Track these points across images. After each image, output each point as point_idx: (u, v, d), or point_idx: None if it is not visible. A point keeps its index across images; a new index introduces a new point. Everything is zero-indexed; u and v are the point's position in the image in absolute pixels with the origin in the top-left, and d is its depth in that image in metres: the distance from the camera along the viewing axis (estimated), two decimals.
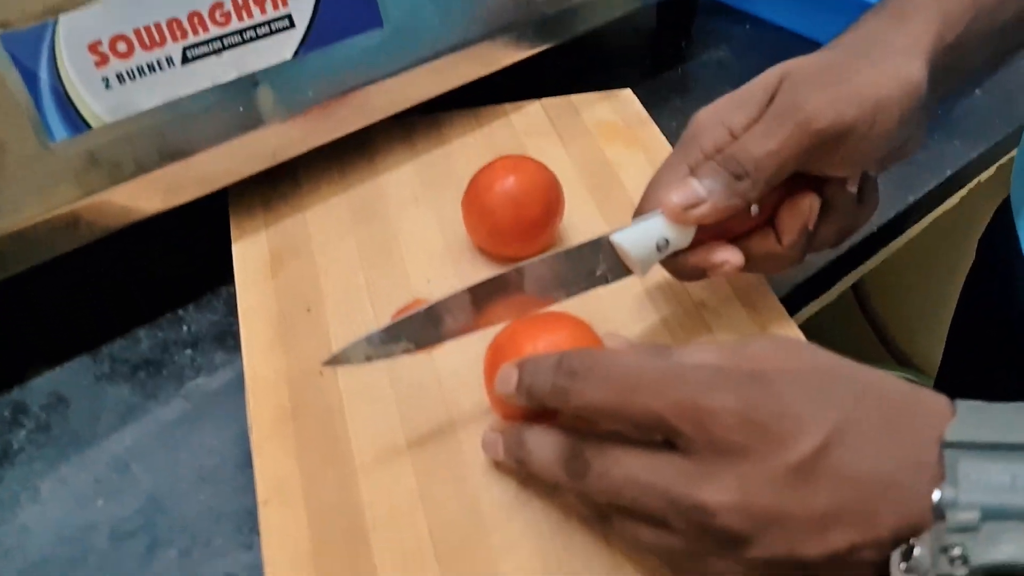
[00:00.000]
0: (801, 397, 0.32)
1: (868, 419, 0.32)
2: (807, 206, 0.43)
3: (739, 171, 0.41)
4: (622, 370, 0.34)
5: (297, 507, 0.42)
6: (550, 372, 0.36)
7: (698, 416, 0.32)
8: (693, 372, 0.33)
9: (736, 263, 0.43)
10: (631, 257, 0.43)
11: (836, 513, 0.31)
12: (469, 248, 0.54)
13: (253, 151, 0.52)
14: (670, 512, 0.33)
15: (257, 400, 0.46)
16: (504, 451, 0.40)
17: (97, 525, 0.43)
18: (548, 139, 0.61)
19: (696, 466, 0.32)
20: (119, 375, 0.50)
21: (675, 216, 0.42)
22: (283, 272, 0.53)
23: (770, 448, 0.31)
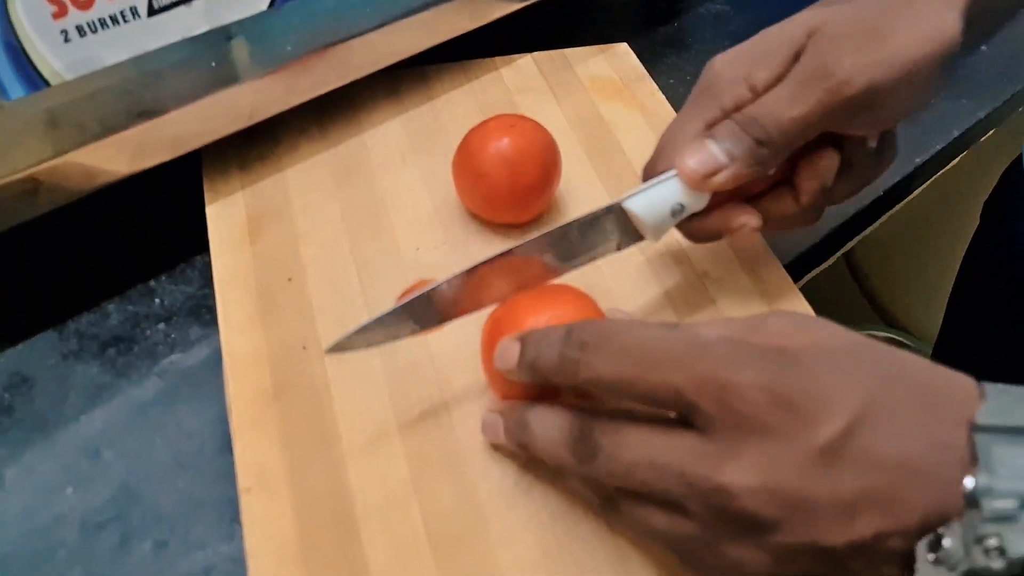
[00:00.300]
0: (828, 375, 0.30)
1: (896, 400, 0.30)
2: (826, 164, 0.40)
3: (762, 136, 0.38)
4: (638, 342, 0.32)
5: (281, 495, 0.39)
6: (558, 344, 0.34)
7: (720, 391, 0.30)
8: (715, 345, 0.31)
9: (754, 225, 0.41)
10: (645, 224, 0.40)
11: (862, 498, 0.29)
12: (460, 212, 0.51)
13: (228, 110, 0.49)
14: (687, 495, 0.30)
15: (236, 380, 0.43)
16: (505, 433, 0.38)
17: (66, 516, 0.40)
18: (541, 95, 0.58)
19: (716, 446, 0.30)
20: (87, 353, 0.46)
21: (693, 183, 0.39)
22: (261, 239, 0.50)
23: (796, 428, 0.29)
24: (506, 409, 0.38)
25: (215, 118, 0.49)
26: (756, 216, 0.41)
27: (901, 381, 0.30)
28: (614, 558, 0.37)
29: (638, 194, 0.40)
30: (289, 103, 0.51)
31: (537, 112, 0.56)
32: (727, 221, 0.41)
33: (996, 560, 0.26)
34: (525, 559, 0.37)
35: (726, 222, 0.41)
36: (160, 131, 0.47)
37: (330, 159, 0.54)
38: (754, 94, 0.39)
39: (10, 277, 0.50)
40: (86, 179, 0.46)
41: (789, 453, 0.29)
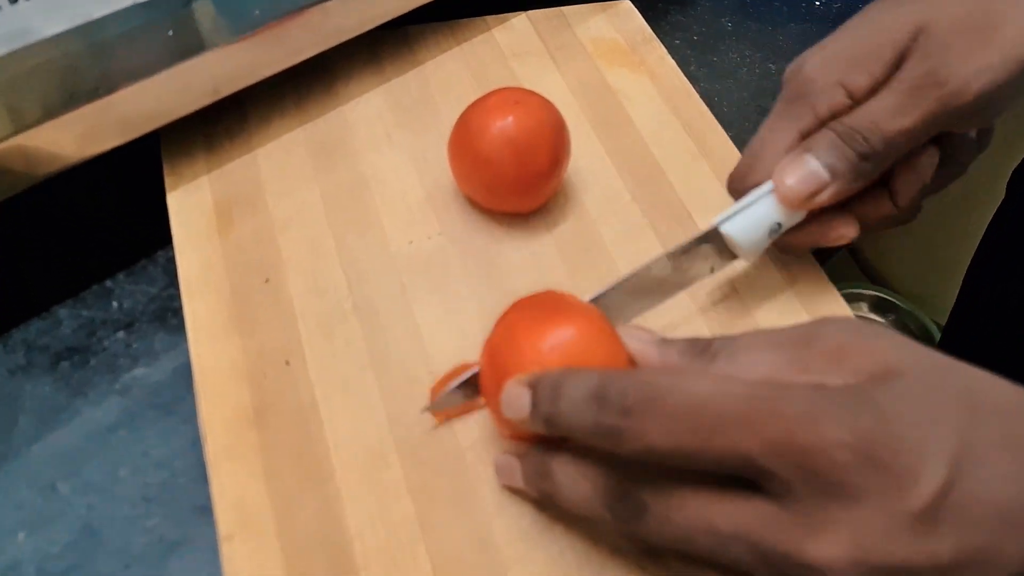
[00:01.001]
0: (914, 419, 0.26)
1: (988, 438, 0.26)
2: (926, 163, 0.38)
3: (867, 150, 0.35)
4: (694, 403, 0.27)
5: (269, 540, 0.34)
6: (589, 406, 0.28)
7: (800, 456, 0.26)
8: (785, 399, 0.26)
9: (852, 236, 0.38)
10: (741, 247, 0.38)
11: (962, 556, 0.25)
12: (457, 198, 0.45)
13: (189, 85, 0.42)
14: (760, 567, 0.26)
15: (210, 400, 0.38)
16: (524, 480, 0.33)
17: (19, 566, 0.35)
18: (539, 60, 0.52)
19: (795, 516, 0.26)
20: (37, 367, 0.41)
21: (793, 203, 0.36)
22: (232, 231, 0.44)
23: (888, 489, 0.25)
24: (524, 454, 0.34)
25: (175, 94, 0.42)
26: (854, 226, 0.38)
27: (987, 412, 0.27)
28: None
29: (734, 216, 0.38)
30: (259, 75, 0.45)
31: (536, 81, 0.50)
32: (825, 234, 0.39)
33: None
34: None
35: (824, 235, 0.39)
36: (111, 111, 0.40)
37: (307, 137, 0.48)
38: (852, 101, 0.36)
39: None
40: (28, 167, 0.40)
41: (881, 520, 0.25)
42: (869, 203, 0.39)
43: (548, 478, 0.32)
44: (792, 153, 0.36)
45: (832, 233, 0.38)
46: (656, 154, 0.48)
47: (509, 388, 0.31)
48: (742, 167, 0.39)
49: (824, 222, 0.38)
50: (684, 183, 0.46)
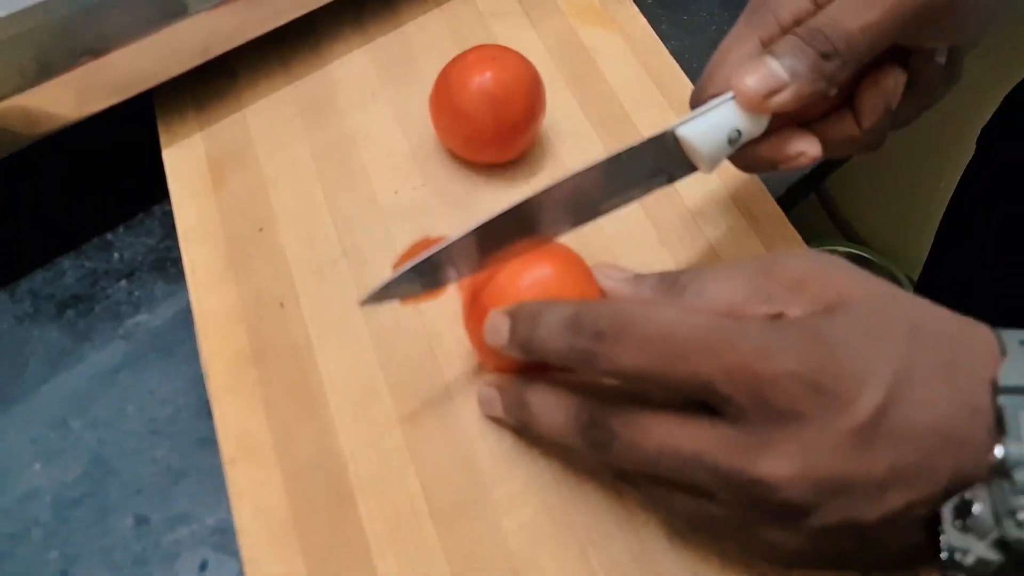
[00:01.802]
0: (857, 349, 0.29)
1: (924, 364, 0.28)
2: (892, 83, 0.37)
3: (827, 48, 0.34)
4: (661, 331, 0.29)
5: (269, 465, 0.37)
6: (565, 331, 0.31)
7: (754, 383, 0.28)
8: (743, 332, 0.29)
9: (814, 154, 0.37)
10: (700, 153, 0.36)
11: (896, 471, 0.28)
12: (439, 151, 0.48)
13: (180, 46, 0.44)
14: (718, 485, 0.29)
15: (210, 341, 0.40)
16: (504, 410, 0.36)
17: (37, 493, 0.38)
18: (516, 20, 0.54)
19: (749, 436, 0.28)
20: (44, 315, 0.43)
21: (752, 104, 0.35)
22: (226, 185, 0.46)
23: (831, 412, 0.28)
24: (503, 385, 0.36)
25: (167, 55, 0.45)
26: (815, 143, 0.37)
27: (928, 340, 0.29)
28: (621, 518, 0.36)
29: (692, 120, 0.36)
30: (246, 36, 0.47)
31: (513, 40, 0.52)
32: (784, 149, 0.37)
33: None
34: (529, 524, 0.36)
35: (783, 150, 0.37)
36: (107, 71, 0.43)
37: (294, 95, 0.50)
38: (815, 6, 0.36)
39: None
40: (29, 126, 0.42)
41: (824, 438, 0.28)
42: (833, 124, 0.38)
43: (525, 408, 0.34)
44: (753, 58, 0.36)
45: (792, 147, 0.37)
46: (627, 107, 0.50)
47: (491, 317, 0.34)
48: (703, 79, 0.38)
49: (785, 136, 0.37)
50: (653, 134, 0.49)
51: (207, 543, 0.37)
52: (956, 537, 0.27)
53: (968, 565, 0.27)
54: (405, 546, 0.35)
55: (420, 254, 0.34)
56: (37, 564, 0.36)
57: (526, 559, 0.35)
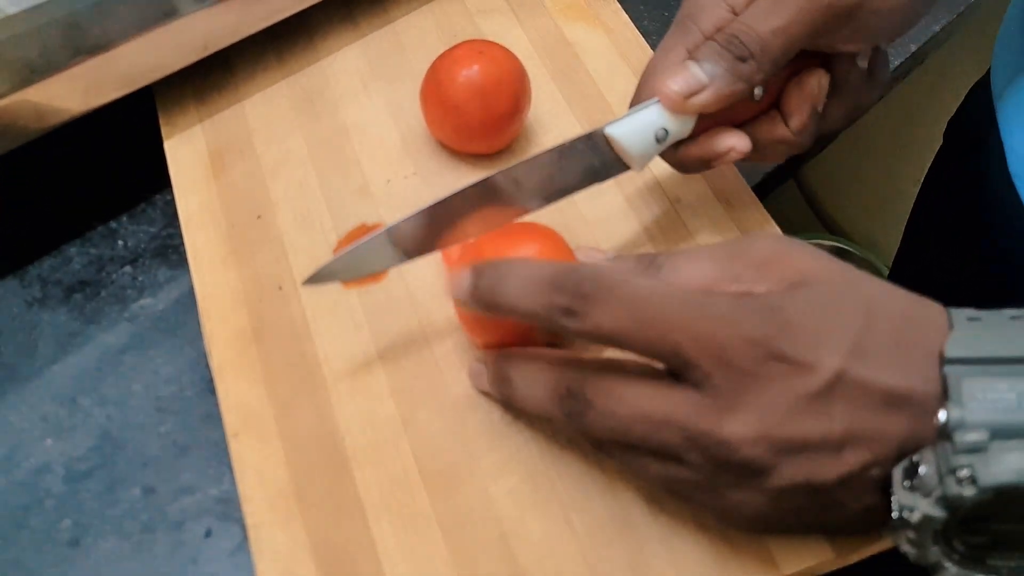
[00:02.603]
0: (816, 318, 0.31)
1: (879, 334, 0.31)
2: (816, 85, 0.39)
3: (743, 52, 0.37)
4: (638, 297, 0.32)
5: (271, 438, 0.39)
6: (543, 289, 0.33)
7: (719, 350, 0.30)
8: (711, 304, 0.31)
9: (742, 149, 0.40)
10: (628, 152, 0.39)
11: (851, 434, 0.30)
12: (429, 142, 0.50)
13: (181, 42, 0.47)
14: (686, 447, 0.31)
15: (212, 322, 0.42)
16: (489, 385, 0.38)
17: (49, 466, 0.40)
18: (503, 16, 0.56)
19: (714, 400, 0.31)
20: (52, 299, 0.45)
21: (674, 105, 0.38)
22: (225, 174, 0.48)
23: (789, 376, 0.30)
24: (488, 360, 0.39)
25: (169, 50, 0.47)
26: (744, 138, 0.40)
27: (882, 314, 0.31)
28: (602, 484, 0.38)
29: (620, 120, 0.39)
30: (244, 32, 0.49)
31: (501, 36, 0.55)
32: (714, 146, 0.40)
33: (968, 489, 0.27)
34: (516, 491, 0.38)
35: (713, 147, 0.40)
36: (111, 66, 0.45)
37: (289, 89, 0.52)
38: (735, 14, 0.38)
39: None
40: (36, 119, 0.44)
41: (783, 402, 0.30)
42: (763, 126, 0.41)
43: (507, 382, 0.37)
44: (677, 64, 0.39)
45: (721, 144, 0.40)
46: (610, 101, 0.52)
47: (455, 272, 0.36)
48: (638, 87, 0.41)
49: (714, 135, 0.40)
50: None
51: (212, 512, 0.39)
52: (904, 496, 0.29)
53: (915, 522, 0.29)
54: (399, 511, 0.37)
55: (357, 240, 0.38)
56: (50, 533, 0.38)
57: (513, 522, 0.37)
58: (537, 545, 0.37)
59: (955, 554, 0.30)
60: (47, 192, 0.49)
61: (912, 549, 0.30)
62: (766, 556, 0.36)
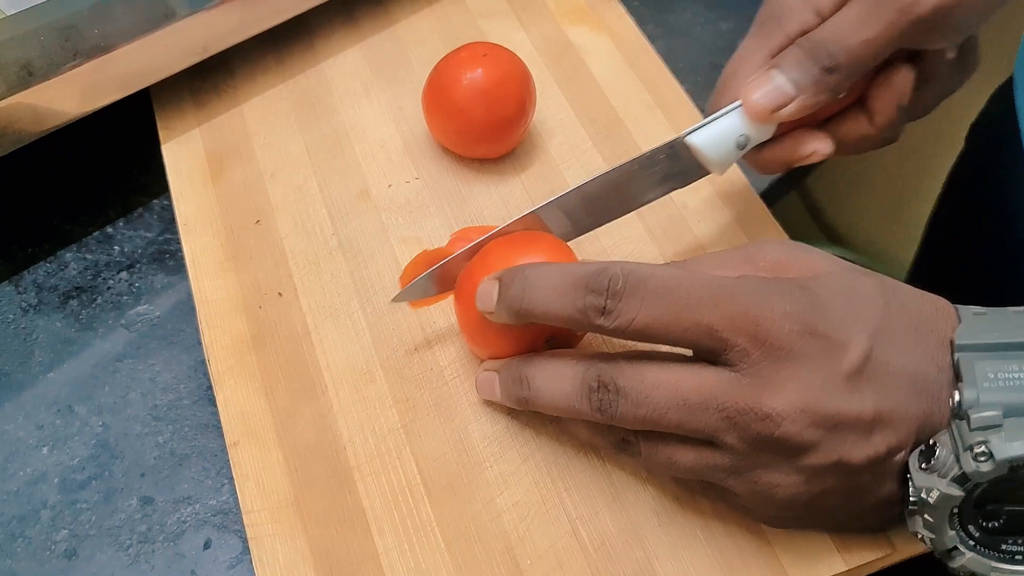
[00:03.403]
0: (842, 302, 0.32)
1: (898, 322, 0.32)
2: (902, 82, 0.38)
3: (830, 63, 0.36)
4: (669, 285, 0.32)
5: (271, 447, 0.38)
6: (574, 291, 0.33)
7: (754, 327, 0.30)
8: (741, 285, 0.32)
9: (825, 152, 0.39)
10: (708, 159, 0.39)
11: (880, 416, 0.31)
12: (431, 146, 0.49)
13: (180, 44, 0.46)
14: (725, 428, 0.31)
15: (212, 328, 0.42)
16: (502, 391, 0.37)
17: (45, 476, 0.39)
18: (506, 20, 0.56)
19: (752, 378, 0.31)
20: (48, 305, 0.44)
21: (758, 117, 0.38)
22: (224, 179, 0.47)
23: (824, 354, 0.31)
24: (502, 366, 0.37)
25: (167, 52, 0.46)
26: (827, 141, 0.39)
27: (899, 304, 0.33)
28: (609, 496, 0.37)
29: (701, 128, 0.39)
30: (244, 34, 0.49)
31: (503, 38, 0.54)
32: (796, 150, 0.40)
33: (985, 464, 0.28)
34: (522, 502, 0.37)
35: (795, 151, 0.40)
36: (110, 68, 0.44)
37: (289, 91, 0.51)
38: (820, 19, 0.38)
39: None
40: (35, 122, 0.43)
41: (821, 377, 0.30)
42: (846, 123, 0.40)
43: (526, 383, 0.36)
44: (760, 70, 0.38)
45: (804, 148, 0.39)
46: (615, 105, 0.52)
47: (481, 283, 0.36)
48: (718, 89, 0.40)
49: (797, 137, 0.39)
50: (641, 131, 0.50)
51: (210, 523, 0.38)
52: (922, 478, 0.30)
53: (933, 502, 0.30)
54: (402, 523, 0.36)
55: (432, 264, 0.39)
56: (46, 544, 0.38)
57: (519, 535, 0.36)
58: (543, 558, 0.36)
59: (970, 539, 0.30)
60: (43, 196, 0.49)
61: (929, 533, 0.31)
62: (776, 567, 0.36)
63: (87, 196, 0.49)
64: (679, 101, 0.52)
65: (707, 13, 0.62)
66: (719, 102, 0.40)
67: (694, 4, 0.63)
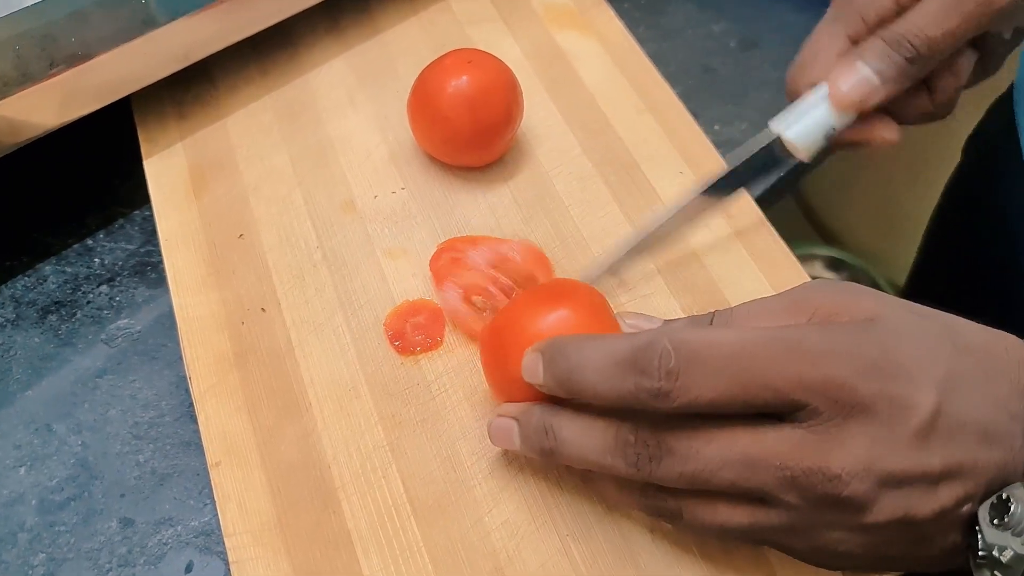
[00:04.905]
0: (908, 350, 0.30)
1: (968, 370, 0.30)
2: (965, 64, 0.41)
3: (912, 54, 0.38)
4: (728, 354, 0.29)
5: (253, 466, 0.37)
6: (623, 372, 0.30)
7: (824, 386, 0.29)
8: (805, 340, 0.30)
9: (892, 139, 0.41)
10: (799, 148, 0.41)
11: (948, 468, 0.29)
12: (418, 155, 0.48)
13: (161, 52, 0.45)
14: (783, 488, 0.29)
15: (193, 345, 0.41)
16: (523, 440, 0.34)
17: (23, 497, 0.38)
18: (493, 25, 0.55)
19: (819, 435, 0.29)
20: (26, 320, 0.43)
21: (847, 107, 0.39)
22: (207, 192, 0.47)
23: (892, 410, 0.29)
24: (522, 413, 0.34)
25: (148, 61, 0.45)
26: (894, 128, 0.41)
27: (968, 350, 0.31)
28: (600, 511, 0.36)
29: (794, 123, 0.41)
30: (225, 41, 0.48)
31: (491, 45, 0.53)
32: (868, 134, 0.41)
33: None
34: (511, 520, 0.36)
35: (867, 135, 0.41)
36: (88, 77, 0.43)
37: (273, 102, 0.51)
38: (898, 7, 0.39)
39: None
40: (10, 133, 0.42)
41: (887, 435, 0.29)
42: (910, 101, 0.42)
43: (551, 435, 0.33)
44: (844, 59, 0.39)
45: (875, 133, 0.41)
46: (604, 110, 0.51)
47: (525, 356, 0.33)
48: (796, 68, 0.42)
49: (868, 122, 0.41)
50: (631, 135, 0.49)
51: (192, 545, 0.37)
52: (993, 535, 0.29)
53: (1006, 562, 0.28)
54: (389, 543, 0.35)
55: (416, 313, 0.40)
56: (23, 568, 0.37)
57: (509, 554, 0.35)
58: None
59: None
60: (21, 208, 0.48)
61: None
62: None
63: (66, 207, 0.48)
64: (670, 105, 0.51)
65: (698, 15, 0.62)
66: (798, 83, 0.42)
67: (685, 6, 0.62)
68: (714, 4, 0.62)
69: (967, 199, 0.61)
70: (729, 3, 0.63)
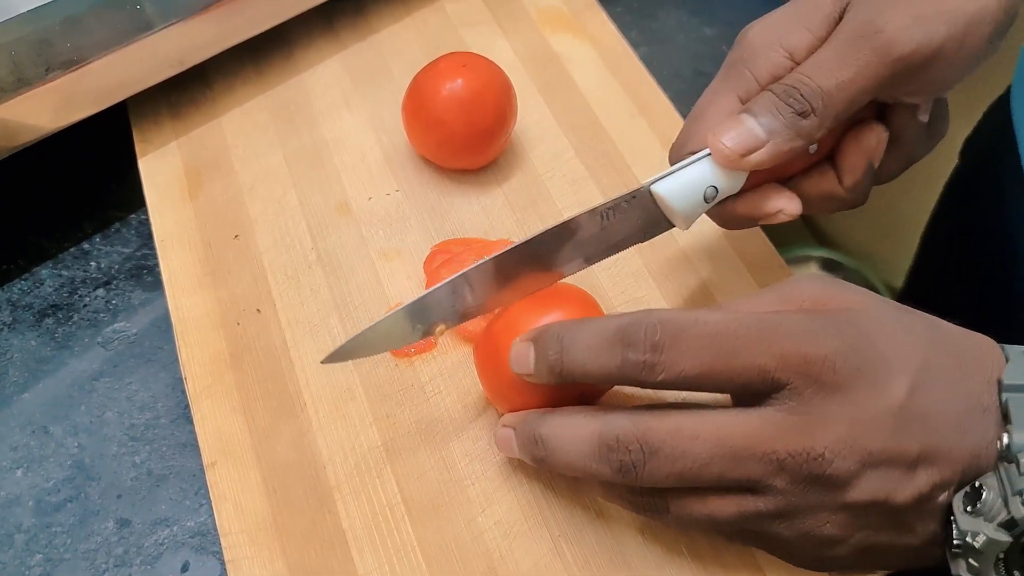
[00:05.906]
0: (887, 337, 0.31)
1: (944, 362, 0.31)
2: (874, 141, 0.36)
3: (804, 107, 0.34)
4: (713, 331, 0.30)
5: (248, 467, 0.38)
6: (612, 347, 0.31)
7: (806, 365, 0.30)
8: (789, 322, 0.30)
9: (793, 211, 0.37)
10: (675, 211, 0.36)
11: (925, 453, 0.30)
12: (412, 158, 0.48)
13: (157, 56, 0.45)
14: (772, 472, 0.30)
15: (189, 347, 0.41)
16: (520, 450, 0.35)
17: (19, 499, 0.39)
18: (487, 28, 0.55)
19: (801, 416, 0.30)
20: (23, 324, 0.44)
21: (728, 162, 0.35)
22: (202, 193, 0.47)
23: (871, 391, 0.30)
24: (518, 421, 0.35)
25: (143, 66, 0.45)
26: (795, 200, 0.37)
27: (943, 342, 0.32)
28: (592, 512, 0.37)
29: (667, 177, 0.36)
30: (221, 46, 0.48)
31: (485, 48, 0.53)
32: (762, 206, 0.37)
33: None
34: (504, 520, 0.36)
35: (761, 207, 0.37)
36: (85, 82, 0.43)
37: (268, 103, 0.51)
38: (792, 62, 0.35)
39: None
40: (7, 137, 0.42)
41: (869, 415, 0.30)
42: (814, 180, 0.38)
43: (540, 444, 0.33)
44: (730, 115, 0.35)
45: (770, 205, 0.37)
46: (598, 113, 0.51)
47: (514, 345, 0.34)
48: (682, 134, 0.38)
49: (763, 193, 0.37)
50: (624, 139, 0.50)
51: (188, 545, 0.38)
52: (967, 521, 0.29)
53: (979, 547, 0.29)
54: (383, 543, 0.36)
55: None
56: (20, 569, 0.37)
57: (502, 554, 0.36)
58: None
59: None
60: (18, 212, 0.48)
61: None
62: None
63: (63, 211, 0.48)
64: (662, 109, 0.51)
65: (691, 19, 0.62)
66: (682, 149, 0.37)
67: (678, 10, 0.62)
68: (707, 8, 0.63)
69: (964, 201, 0.61)
70: (721, 7, 0.63)
